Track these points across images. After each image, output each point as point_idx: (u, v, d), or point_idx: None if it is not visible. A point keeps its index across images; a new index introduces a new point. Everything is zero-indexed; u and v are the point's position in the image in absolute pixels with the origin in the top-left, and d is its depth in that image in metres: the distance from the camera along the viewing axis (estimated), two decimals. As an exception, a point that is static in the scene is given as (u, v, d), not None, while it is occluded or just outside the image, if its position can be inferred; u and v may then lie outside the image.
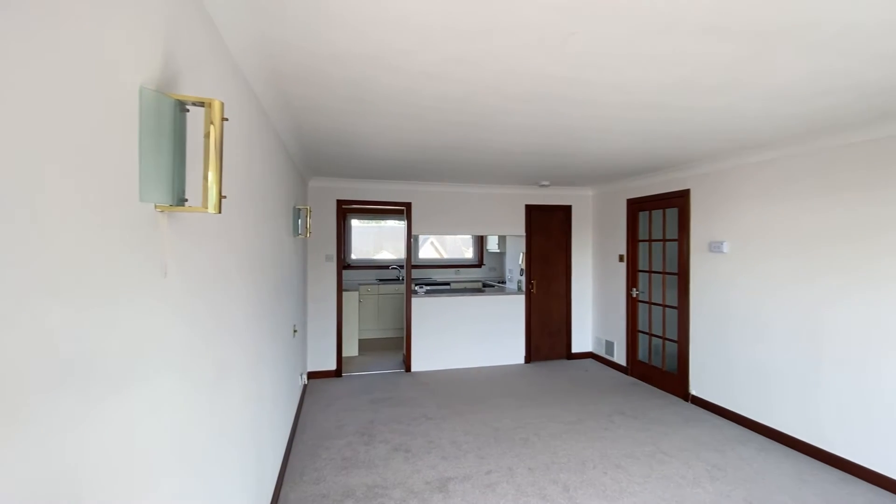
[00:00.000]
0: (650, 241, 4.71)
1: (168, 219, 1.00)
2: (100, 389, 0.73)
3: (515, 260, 5.81)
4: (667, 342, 4.45)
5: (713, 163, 3.79)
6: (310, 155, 3.57)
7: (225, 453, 1.48)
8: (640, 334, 4.84)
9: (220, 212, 0.97)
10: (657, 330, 4.59)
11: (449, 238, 7.92)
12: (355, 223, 7.49)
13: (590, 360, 5.56)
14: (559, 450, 3.10)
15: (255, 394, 1.97)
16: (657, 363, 4.58)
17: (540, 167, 4.11)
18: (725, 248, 3.73)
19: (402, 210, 5.14)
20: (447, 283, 6.81)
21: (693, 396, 4.05)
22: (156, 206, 0.93)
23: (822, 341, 2.97)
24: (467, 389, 4.40)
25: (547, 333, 5.53)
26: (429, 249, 8.00)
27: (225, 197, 1.05)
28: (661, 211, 4.56)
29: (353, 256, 7.37)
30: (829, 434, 2.92)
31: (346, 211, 6.93)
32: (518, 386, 4.52)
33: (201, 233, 1.23)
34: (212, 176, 0.95)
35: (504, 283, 6.50)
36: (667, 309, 4.44)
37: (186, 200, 1.00)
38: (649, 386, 4.56)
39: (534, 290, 5.47)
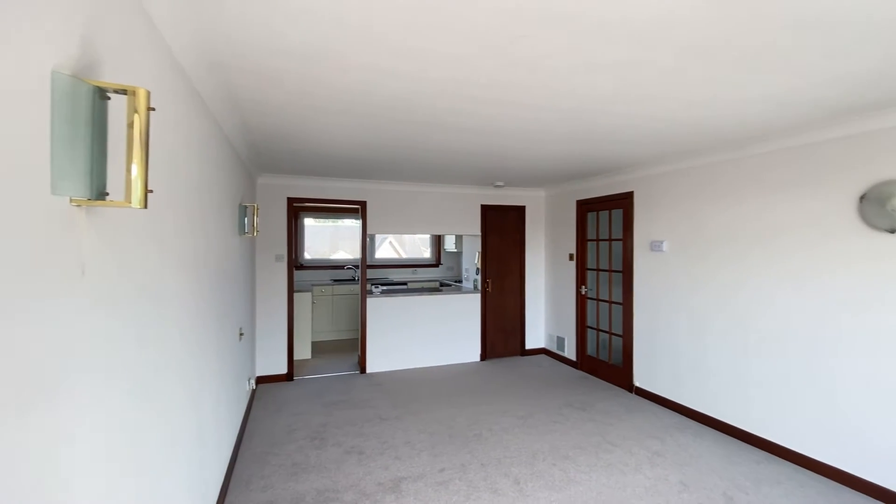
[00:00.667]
0: (598, 240, 4.93)
1: (86, 214, 0.93)
2: (4, 401, 0.67)
3: (472, 259, 5.89)
4: (613, 337, 4.67)
5: (654, 167, 4.02)
6: (258, 151, 3.44)
7: (163, 462, 1.40)
8: (589, 330, 5.04)
9: (145, 207, 0.92)
10: (604, 325, 4.80)
11: (408, 238, 7.89)
12: (309, 222, 7.29)
13: (543, 356, 5.72)
14: (511, 444, 3.17)
15: (195, 400, 1.87)
16: (604, 357, 4.79)
17: (493, 168, 4.19)
18: (665, 246, 3.96)
19: (357, 209, 5.06)
20: (404, 283, 6.78)
21: (637, 388, 4.27)
22: (71, 201, 0.87)
23: (749, 333, 3.23)
24: (423, 389, 4.40)
25: (502, 331, 5.64)
26: (387, 249, 7.93)
27: (152, 191, 0.99)
28: (607, 212, 4.78)
29: (308, 256, 7.17)
30: (755, 418, 3.18)
31: (298, 209, 6.74)
32: (473, 383, 4.58)
33: (127, 229, 1.15)
34: (136, 169, 0.89)
35: (461, 282, 6.56)
36: (613, 305, 4.66)
37: (108, 195, 0.93)
38: (597, 379, 4.77)
39: (489, 289, 5.56)
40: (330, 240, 7.72)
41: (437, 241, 7.74)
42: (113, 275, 1.07)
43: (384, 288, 5.92)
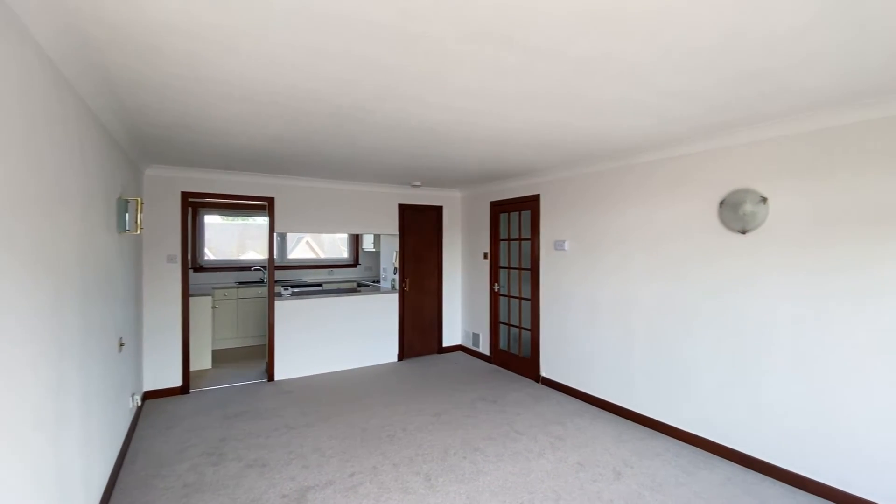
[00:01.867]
0: (509, 240, 5.16)
1: None
2: None
3: (390, 259, 5.83)
4: (523, 331, 4.92)
5: (558, 171, 4.31)
6: (143, 138, 3.07)
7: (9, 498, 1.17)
8: (502, 325, 5.27)
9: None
10: (515, 320, 5.05)
11: (326, 237, 7.60)
12: (213, 219, 6.70)
13: (459, 353, 5.85)
14: (424, 442, 3.19)
15: (54, 423, 1.61)
16: (515, 350, 5.03)
17: (409, 167, 4.18)
18: (567, 246, 4.27)
19: (264, 205, 4.74)
20: (319, 285, 6.51)
21: (543, 378, 4.55)
22: None
23: (634, 322, 3.59)
24: (337, 393, 4.26)
25: (419, 330, 5.66)
26: (304, 249, 7.56)
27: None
28: (518, 213, 5.02)
29: (211, 257, 6.59)
30: (639, 399, 3.55)
31: (196, 205, 6.15)
32: (389, 384, 4.54)
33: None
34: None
35: (379, 282, 6.47)
36: (522, 301, 4.91)
37: None
38: (509, 372, 4.99)
39: (407, 289, 5.55)
40: (238, 239, 7.16)
41: (355, 241, 7.56)
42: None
43: (296, 290, 5.63)
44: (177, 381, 4.25)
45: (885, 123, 2.26)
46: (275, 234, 4.72)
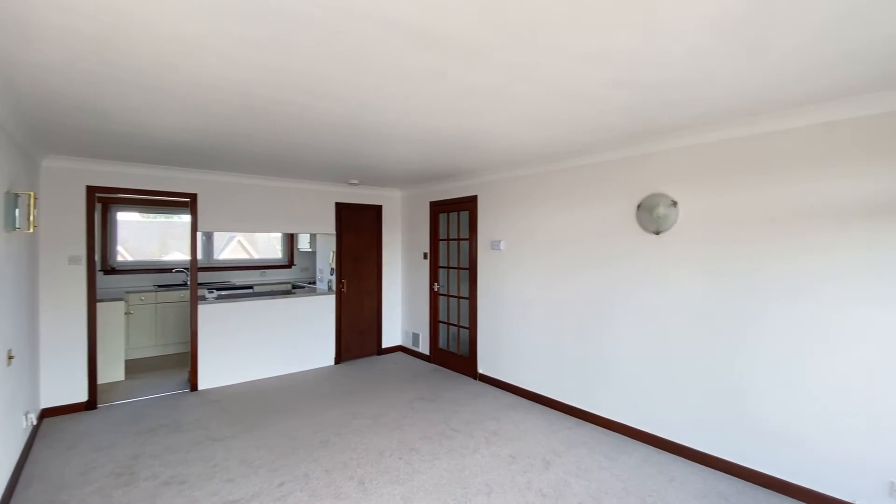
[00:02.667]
0: (448, 239, 5.22)
1: None
2: None
3: (326, 259, 5.66)
4: (461, 329, 4.99)
5: (494, 173, 4.43)
6: (39, 125, 2.73)
7: None
8: (441, 324, 5.31)
9: None
10: (454, 319, 5.11)
11: (261, 236, 7.21)
12: (129, 217, 6.13)
13: (399, 353, 5.82)
14: (359, 445, 3.13)
15: None
16: (454, 349, 5.10)
17: (346, 165, 4.08)
18: (502, 246, 4.40)
19: (186, 202, 4.41)
20: (250, 287, 6.17)
21: (481, 375, 4.65)
22: None
23: (563, 318, 3.78)
24: (268, 401, 4.06)
25: (358, 332, 5.56)
26: (236, 249, 7.12)
27: None
28: (457, 213, 5.09)
29: (128, 257, 6.02)
30: (569, 390, 3.74)
31: (108, 201, 5.60)
32: (325, 389, 4.41)
33: None
34: None
35: (316, 283, 6.26)
36: (461, 300, 4.99)
37: None
38: (448, 370, 5.04)
39: (344, 290, 5.43)
40: (159, 238, 6.60)
41: (290, 241, 7.26)
42: None
43: (224, 293, 5.31)
44: (81, 396, 3.83)
45: (769, 137, 2.57)
46: (199, 234, 4.41)
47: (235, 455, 3.00)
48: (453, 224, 5.16)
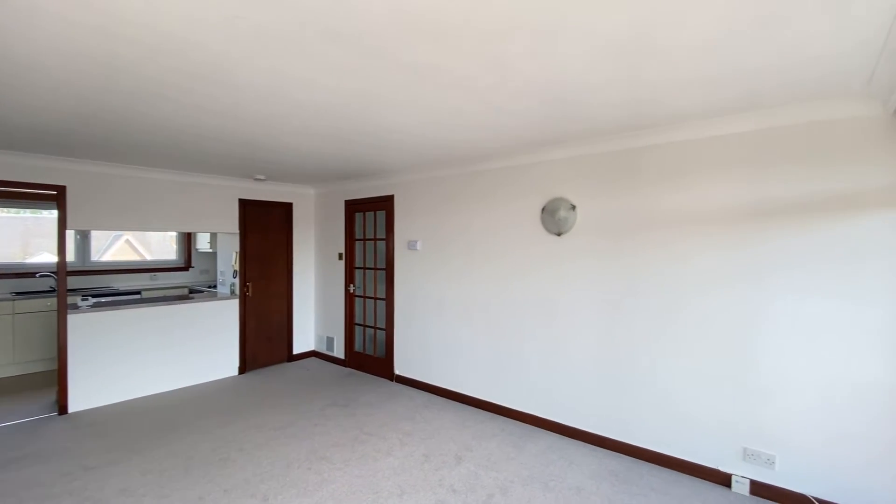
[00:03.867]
0: (364, 239, 5.10)
1: None
2: None
3: (229, 261, 5.22)
4: (378, 331, 4.92)
5: (410, 174, 4.42)
6: None
7: None
8: (357, 327, 5.18)
9: None
10: (370, 321, 5.02)
11: (156, 235, 6.43)
12: (-30, 212, 5.10)
13: (312, 359, 5.57)
14: (264, 459, 2.93)
15: None
16: (371, 352, 5.00)
17: (248, 159, 3.79)
18: (419, 246, 4.41)
19: (52, 195, 3.78)
20: (137, 292, 5.48)
21: (398, 376, 4.62)
22: None
23: (476, 316, 3.90)
24: (158, 419, 3.64)
25: (266, 338, 5.21)
26: (124, 250, 6.26)
27: None
28: (373, 212, 5.00)
29: (-34, 261, 5.00)
30: (482, 386, 3.86)
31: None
32: (228, 401, 4.06)
33: None
34: None
35: (217, 287, 5.74)
36: (378, 301, 4.91)
37: None
38: (364, 373, 4.94)
39: (250, 293, 5.05)
40: (21, 238, 5.58)
41: (188, 240, 6.59)
42: None
43: (102, 300, 4.65)
44: None
45: (651, 149, 2.88)
46: (72, 233, 3.81)
47: (114, 484, 2.63)
48: (370, 224, 5.06)
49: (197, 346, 4.58)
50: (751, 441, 2.55)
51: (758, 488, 2.52)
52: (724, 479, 2.63)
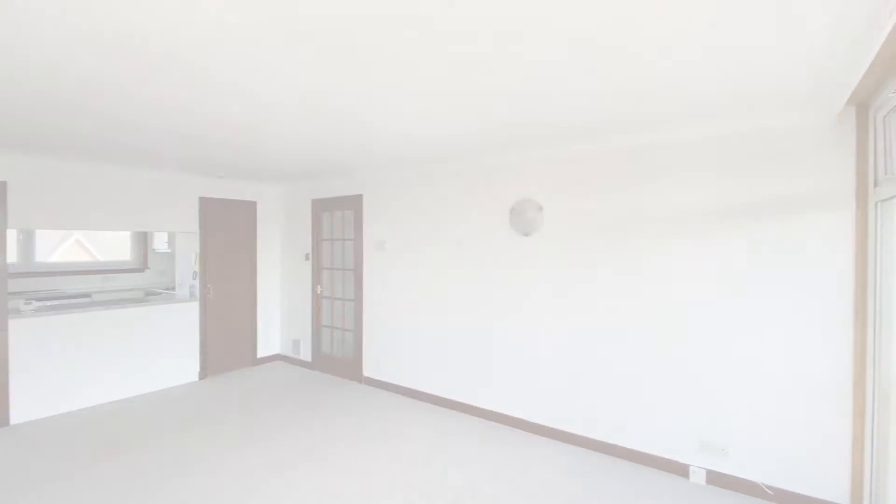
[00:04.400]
0: (332, 240, 5.01)
1: None
2: None
3: (189, 261, 5.00)
4: (346, 333, 4.84)
5: (379, 173, 4.37)
6: None
7: None
8: (325, 329, 5.08)
9: None
10: (338, 323, 4.93)
11: (110, 234, 6.05)
12: None
13: (278, 362, 5.42)
14: (220, 470, 2.81)
15: None
16: (339, 354, 4.92)
17: (205, 156, 3.63)
18: (388, 246, 4.36)
19: (-11, 193, 3.50)
20: (87, 295, 5.16)
21: (367, 378, 4.55)
22: None
23: (446, 316, 3.89)
24: (108, 430, 3.43)
25: (228, 342, 5.02)
26: (73, 250, 5.86)
27: None
28: (341, 212, 4.91)
29: None
30: (453, 386, 3.86)
31: None
32: (186, 408, 3.88)
33: None
34: None
35: (175, 289, 5.49)
36: (346, 302, 4.83)
37: None
38: (332, 376, 4.84)
39: (211, 295, 4.86)
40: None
41: (144, 240, 6.26)
42: None
43: (50, 303, 4.35)
44: None
45: (611, 152, 2.97)
46: (14, 231, 3.55)
47: (60, 502, 2.46)
48: (338, 224, 4.97)
49: (153, 351, 4.36)
50: (706, 433, 2.66)
51: (713, 477, 2.64)
52: (682, 470, 2.73)
